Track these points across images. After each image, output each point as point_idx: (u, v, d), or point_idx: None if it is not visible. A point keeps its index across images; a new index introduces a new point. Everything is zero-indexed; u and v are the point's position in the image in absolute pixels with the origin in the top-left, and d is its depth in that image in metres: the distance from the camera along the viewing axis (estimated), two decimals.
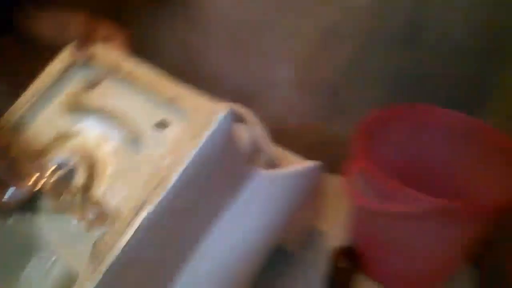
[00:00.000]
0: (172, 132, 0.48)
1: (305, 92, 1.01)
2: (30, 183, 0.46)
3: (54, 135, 0.54)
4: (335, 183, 0.87)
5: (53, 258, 0.51)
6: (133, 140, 0.49)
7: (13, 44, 0.67)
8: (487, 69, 0.91)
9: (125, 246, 0.41)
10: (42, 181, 0.46)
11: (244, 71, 1.00)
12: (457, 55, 0.89)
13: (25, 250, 0.59)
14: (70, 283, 0.50)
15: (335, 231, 0.94)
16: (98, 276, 0.39)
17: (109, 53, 0.56)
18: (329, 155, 1.12)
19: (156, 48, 0.99)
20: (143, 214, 0.41)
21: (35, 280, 0.52)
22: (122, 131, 0.51)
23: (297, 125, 1.06)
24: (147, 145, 0.49)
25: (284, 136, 1.08)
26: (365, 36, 0.90)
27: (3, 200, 0.45)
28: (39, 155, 0.51)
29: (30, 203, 0.49)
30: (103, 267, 0.40)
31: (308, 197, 0.75)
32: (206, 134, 0.44)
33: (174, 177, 0.43)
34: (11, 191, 0.45)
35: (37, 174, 0.46)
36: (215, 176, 0.49)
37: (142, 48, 1.01)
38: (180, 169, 0.43)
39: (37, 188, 0.46)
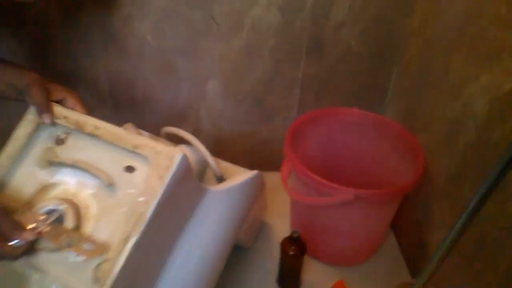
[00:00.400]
0: (139, 175, 0.59)
1: (233, 104, 1.13)
2: (29, 233, 0.54)
3: (37, 188, 0.62)
4: (273, 180, 1.02)
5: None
6: (108, 185, 0.59)
7: None
8: (380, 71, 1.10)
9: (120, 270, 0.51)
10: (39, 230, 0.55)
11: (177, 92, 1.10)
12: (356, 60, 1.07)
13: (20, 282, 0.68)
14: None
15: (280, 222, 1.10)
16: None
17: (71, 112, 0.64)
18: (264, 156, 1.27)
19: (94, 80, 1.06)
20: (130, 244, 0.52)
21: None
22: (96, 178, 0.60)
23: (231, 133, 1.18)
24: (120, 187, 0.59)
25: (221, 144, 1.21)
26: (275, 52, 1.04)
27: (10, 248, 0.53)
28: (28, 207, 0.59)
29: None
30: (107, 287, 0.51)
31: (256, 202, 0.88)
32: (170, 173, 0.55)
33: (149, 212, 0.53)
34: (15, 242, 0.53)
35: (34, 225, 0.55)
36: (178, 203, 0.60)
37: (81, 80, 1.07)
38: (153, 203, 0.54)
39: (36, 237, 0.55)
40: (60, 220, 0.58)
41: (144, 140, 0.59)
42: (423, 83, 0.96)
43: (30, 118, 0.65)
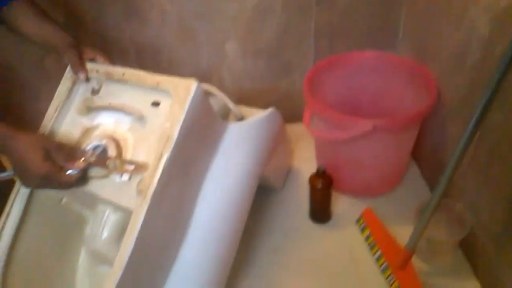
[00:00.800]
0: (164, 107, 0.68)
1: (252, 61, 1.20)
2: (81, 163, 0.65)
3: (81, 131, 0.74)
4: (297, 129, 1.09)
5: (107, 211, 0.71)
6: (139, 118, 0.69)
7: (5, 33, 0.77)
8: (389, 11, 1.14)
9: (158, 181, 0.60)
10: (88, 160, 0.66)
11: (199, 53, 1.18)
12: (365, 4, 1.12)
13: (78, 221, 0.79)
14: (124, 224, 0.70)
15: (306, 165, 1.16)
16: (147, 202, 0.59)
17: (100, 66, 0.76)
18: (285, 109, 1.33)
19: (122, 52, 1.16)
20: (163, 160, 0.61)
21: (95, 232, 0.71)
22: (129, 115, 0.71)
23: (252, 90, 1.26)
24: (149, 119, 0.69)
25: (243, 100, 1.28)
26: (286, 6, 1.10)
27: (66, 177, 0.63)
28: (77, 146, 0.71)
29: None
30: (148, 197, 0.60)
31: (278, 142, 0.95)
32: (188, 100, 0.64)
33: (175, 133, 0.62)
34: (71, 172, 0.64)
35: (83, 158, 0.65)
36: (201, 131, 0.68)
37: (110, 53, 1.17)
38: (177, 127, 0.62)
39: (86, 165, 0.65)
40: (104, 152, 0.69)
41: (164, 77, 0.68)
42: (430, 17, 1.00)
43: (68, 76, 0.77)
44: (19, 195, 0.73)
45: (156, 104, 0.69)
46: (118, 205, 0.67)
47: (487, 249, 0.83)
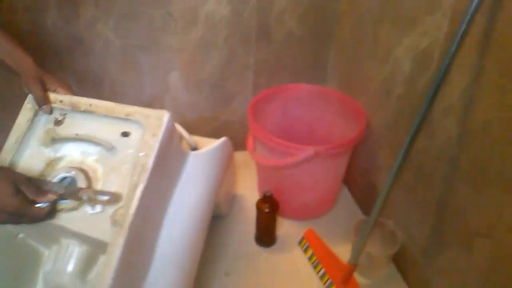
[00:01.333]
0: (134, 138, 0.69)
1: (194, 92, 1.24)
2: (51, 195, 0.62)
3: (45, 163, 0.71)
4: (237, 158, 1.14)
5: (70, 245, 0.68)
6: (109, 149, 0.69)
7: None
8: (320, 49, 1.26)
9: (135, 211, 0.61)
10: (59, 192, 0.63)
11: (142, 86, 1.19)
12: (298, 43, 1.22)
13: (34, 257, 0.75)
14: (89, 257, 0.69)
15: (249, 193, 1.22)
16: (125, 233, 0.60)
17: (64, 96, 0.74)
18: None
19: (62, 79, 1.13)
20: (139, 190, 0.62)
21: (59, 267, 0.69)
22: (97, 146, 0.70)
23: (194, 120, 1.29)
24: (119, 149, 0.69)
25: (185, 129, 1.30)
26: (228, 41, 1.17)
27: (37, 210, 0.61)
28: (45, 178, 0.68)
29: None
30: (126, 228, 0.60)
31: (227, 169, 0.99)
32: (162, 130, 0.66)
33: (150, 163, 0.64)
34: (41, 204, 0.61)
35: (54, 190, 0.63)
36: (168, 161, 0.70)
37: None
38: (152, 155, 0.64)
39: (57, 197, 0.63)
40: (73, 183, 0.67)
41: (134, 108, 0.69)
42: (358, 55, 1.13)
43: (28, 107, 0.74)
44: None
45: (126, 134, 0.70)
46: (88, 237, 0.65)
47: (417, 260, 0.94)
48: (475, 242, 0.75)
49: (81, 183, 0.66)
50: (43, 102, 0.72)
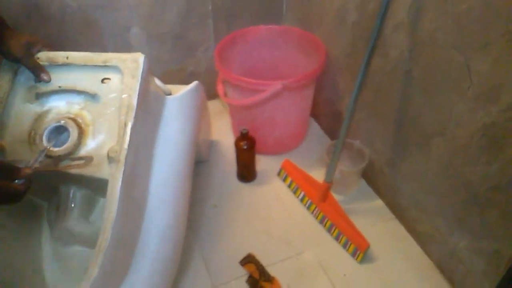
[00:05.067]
0: (114, 82, 0.73)
1: (157, 46, 1.25)
2: (27, 170, 0.59)
3: (34, 118, 0.73)
4: (209, 107, 1.19)
5: (72, 190, 0.73)
6: (92, 96, 0.72)
7: None
8: None
9: (128, 147, 0.66)
10: (35, 166, 0.62)
11: (104, 45, 1.19)
12: None
13: (34, 211, 0.79)
14: (90, 199, 0.74)
15: (224, 137, 1.28)
16: (121, 166, 0.65)
17: (41, 53, 0.75)
18: None
19: None
20: (129, 127, 0.67)
21: (64, 212, 0.73)
22: (81, 94, 0.73)
23: (161, 74, 1.31)
24: (102, 95, 0.72)
25: None
26: None
27: (15, 186, 0.57)
28: (33, 134, 0.71)
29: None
30: (122, 162, 0.65)
31: (203, 112, 1.04)
32: (139, 71, 0.70)
33: (134, 102, 0.68)
34: (18, 181, 0.58)
35: (27, 164, 0.62)
36: (149, 101, 0.75)
37: None
38: (135, 95, 0.68)
39: (34, 171, 0.61)
40: (65, 132, 0.71)
41: (110, 55, 0.73)
42: None
43: (6, 68, 0.75)
44: None
45: (106, 80, 0.73)
46: (87, 177, 0.69)
47: (384, 171, 1.04)
48: (432, 142, 0.85)
49: (73, 130, 0.70)
50: (42, 72, 0.74)
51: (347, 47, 1.06)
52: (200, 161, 1.18)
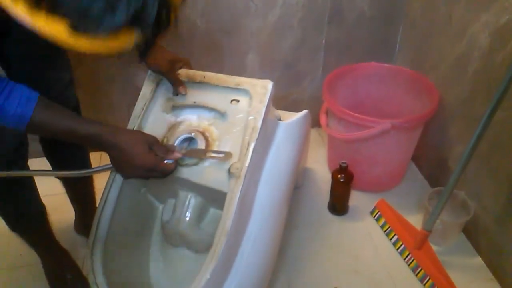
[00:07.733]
0: (242, 104, 0.78)
1: (269, 72, 1.32)
2: (178, 153, 0.71)
3: (167, 127, 0.81)
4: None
5: (189, 197, 0.79)
6: (221, 114, 0.79)
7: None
8: (389, 29, 1.31)
9: (248, 165, 0.70)
10: (183, 151, 0.73)
11: (221, 66, 1.28)
12: (369, 23, 1.27)
13: (150, 210, 0.86)
14: (203, 207, 0.79)
15: (318, 167, 1.30)
16: (240, 183, 0.69)
17: (181, 70, 0.84)
18: None
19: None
20: (251, 147, 0.71)
21: (179, 215, 0.79)
22: (211, 111, 0.80)
23: None
24: (230, 115, 0.78)
25: None
26: (302, 22, 1.23)
27: (166, 165, 0.69)
28: (165, 140, 0.79)
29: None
30: (241, 179, 0.69)
31: (308, 139, 1.07)
32: (267, 97, 0.75)
33: (259, 125, 0.73)
34: (168, 161, 0.70)
35: (177, 149, 0.73)
36: (268, 124, 0.79)
37: None
38: (260, 119, 0.73)
39: (182, 155, 0.73)
40: (193, 144, 0.77)
41: (242, 79, 0.79)
42: (429, 33, 1.17)
43: (151, 79, 0.85)
44: (114, 184, 0.79)
45: (235, 101, 0.79)
46: (207, 188, 0.74)
47: (489, 228, 0.98)
48: None
49: (201, 142, 0.76)
50: (180, 85, 0.82)
51: (463, 95, 1.04)
52: (294, 187, 1.20)
